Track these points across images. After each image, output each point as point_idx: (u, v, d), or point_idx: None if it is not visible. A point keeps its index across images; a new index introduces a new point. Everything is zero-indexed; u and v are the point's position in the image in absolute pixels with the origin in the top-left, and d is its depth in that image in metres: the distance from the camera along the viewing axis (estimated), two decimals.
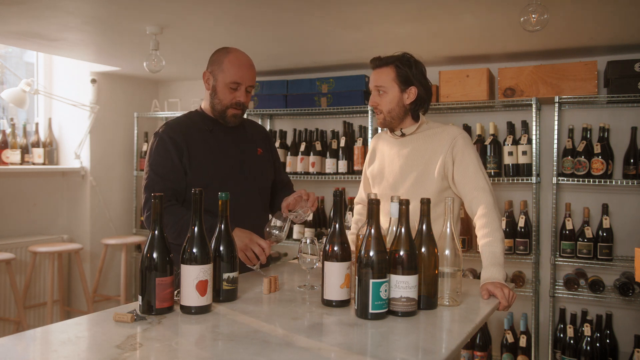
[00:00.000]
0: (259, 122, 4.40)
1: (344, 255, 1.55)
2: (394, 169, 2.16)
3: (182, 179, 2.00)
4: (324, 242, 1.59)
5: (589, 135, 3.27)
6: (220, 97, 2.05)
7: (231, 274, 1.60)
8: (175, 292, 1.54)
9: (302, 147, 3.94)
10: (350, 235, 2.05)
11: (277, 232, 1.89)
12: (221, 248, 1.59)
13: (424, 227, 1.59)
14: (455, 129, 2.12)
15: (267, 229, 1.90)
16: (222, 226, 1.61)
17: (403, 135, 2.15)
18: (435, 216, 1.93)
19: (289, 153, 4.02)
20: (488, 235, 1.91)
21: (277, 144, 4.06)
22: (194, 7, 2.60)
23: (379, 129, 3.71)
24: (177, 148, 2.01)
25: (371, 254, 1.46)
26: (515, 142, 3.35)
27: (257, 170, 2.19)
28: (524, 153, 3.31)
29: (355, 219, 2.35)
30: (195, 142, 2.05)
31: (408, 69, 2.07)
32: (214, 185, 1.98)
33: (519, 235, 3.35)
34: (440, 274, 1.62)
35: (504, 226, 3.36)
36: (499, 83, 3.39)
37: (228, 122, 2.10)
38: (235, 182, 2.07)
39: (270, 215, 1.94)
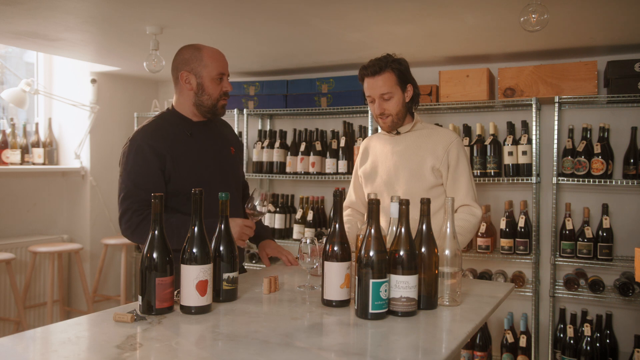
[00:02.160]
0: (259, 122, 4.40)
1: (344, 255, 1.55)
2: (387, 166, 2.20)
3: (161, 189, 1.94)
4: (324, 242, 1.59)
5: (589, 135, 3.27)
6: (210, 91, 2.04)
7: (231, 274, 1.60)
8: (175, 292, 1.54)
9: (302, 147, 3.93)
10: None
11: (259, 209, 1.95)
12: (221, 248, 1.59)
13: (424, 227, 1.59)
14: (451, 132, 2.21)
15: (250, 209, 1.96)
16: (222, 226, 1.61)
17: (398, 133, 2.21)
18: (432, 211, 1.98)
19: (289, 153, 4.01)
20: (457, 231, 1.98)
21: (277, 144, 4.06)
22: (194, 7, 2.60)
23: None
24: (159, 157, 1.95)
25: (371, 254, 1.46)
26: (515, 142, 3.35)
27: (234, 170, 2.20)
28: (524, 153, 3.31)
29: (346, 220, 2.33)
30: (178, 149, 1.99)
31: (403, 69, 2.13)
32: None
33: (519, 235, 3.35)
34: (440, 274, 1.62)
35: (503, 226, 3.36)
36: (499, 83, 3.39)
37: (219, 114, 2.11)
38: (218, 184, 2.05)
39: (252, 196, 1.99)
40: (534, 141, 3.30)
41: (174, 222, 1.86)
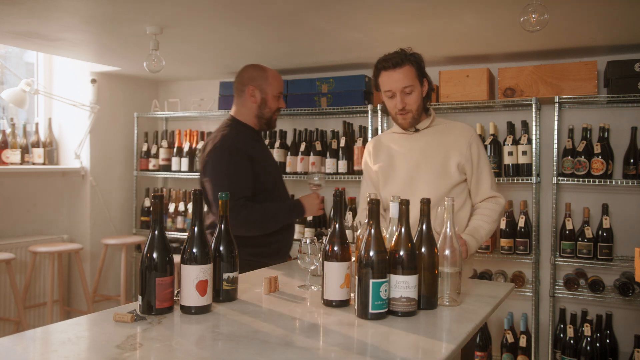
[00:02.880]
0: None
1: (344, 255, 1.55)
2: (408, 165, 2.16)
3: (254, 186, 2.29)
4: (324, 242, 1.59)
5: (589, 135, 3.27)
6: (271, 106, 2.41)
7: (231, 274, 1.60)
8: (176, 292, 1.54)
9: (302, 147, 3.94)
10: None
11: (317, 181, 2.39)
12: (221, 248, 1.59)
13: (424, 227, 1.59)
14: (468, 127, 2.21)
15: (312, 185, 2.40)
16: (222, 226, 1.61)
17: (417, 130, 2.18)
18: (457, 207, 2.09)
19: (289, 153, 4.01)
20: (485, 219, 2.09)
21: (277, 144, 4.07)
22: (194, 7, 2.60)
23: (379, 129, 3.71)
24: (249, 159, 2.28)
25: (371, 254, 1.46)
26: (515, 142, 3.35)
27: (280, 170, 2.69)
28: (524, 153, 3.31)
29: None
30: (255, 153, 2.35)
31: (420, 62, 2.13)
32: (276, 188, 2.43)
33: (519, 235, 3.35)
34: (440, 274, 1.62)
35: (503, 226, 3.36)
36: (499, 83, 3.39)
37: (272, 127, 2.50)
38: (281, 184, 2.50)
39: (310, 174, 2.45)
40: (534, 141, 3.30)
41: (269, 206, 2.30)
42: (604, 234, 3.18)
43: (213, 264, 1.55)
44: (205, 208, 2.36)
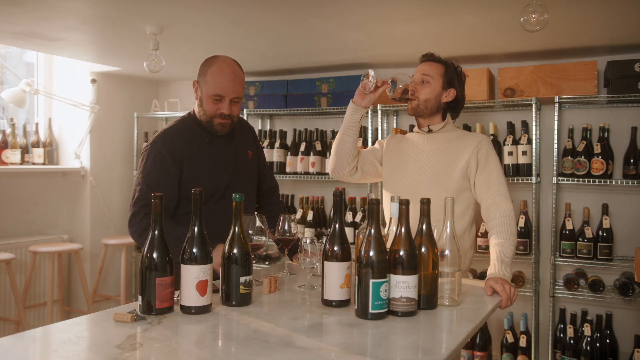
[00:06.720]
0: (259, 122, 4.40)
1: (344, 255, 1.55)
2: (416, 164, 2.20)
3: (174, 196, 1.99)
4: (324, 242, 1.59)
5: (589, 135, 3.27)
6: (205, 108, 2.03)
7: (247, 277, 1.58)
8: (176, 292, 1.54)
9: (302, 147, 3.94)
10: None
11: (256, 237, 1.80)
12: (235, 251, 1.56)
13: (424, 227, 1.59)
14: (483, 135, 2.21)
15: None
16: (237, 229, 1.58)
17: (430, 131, 2.21)
18: (455, 215, 1.99)
19: (289, 153, 4.02)
20: (502, 238, 1.98)
21: (277, 144, 4.06)
22: (193, 7, 2.60)
23: (379, 129, 3.71)
24: (177, 163, 1.99)
25: (371, 254, 1.46)
26: (515, 142, 3.35)
27: (250, 175, 2.22)
28: (524, 153, 3.31)
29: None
30: (194, 156, 2.03)
31: (455, 73, 2.19)
32: (213, 198, 2.02)
33: (519, 235, 3.34)
34: (440, 274, 1.62)
35: None
36: (499, 83, 3.39)
37: (216, 132, 2.07)
38: (232, 190, 2.04)
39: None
40: (534, 141, 3.30)
41: (178, 234, 1.81)
42: (604, 234, 3.18)
43: (227, 267, 1.54)
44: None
